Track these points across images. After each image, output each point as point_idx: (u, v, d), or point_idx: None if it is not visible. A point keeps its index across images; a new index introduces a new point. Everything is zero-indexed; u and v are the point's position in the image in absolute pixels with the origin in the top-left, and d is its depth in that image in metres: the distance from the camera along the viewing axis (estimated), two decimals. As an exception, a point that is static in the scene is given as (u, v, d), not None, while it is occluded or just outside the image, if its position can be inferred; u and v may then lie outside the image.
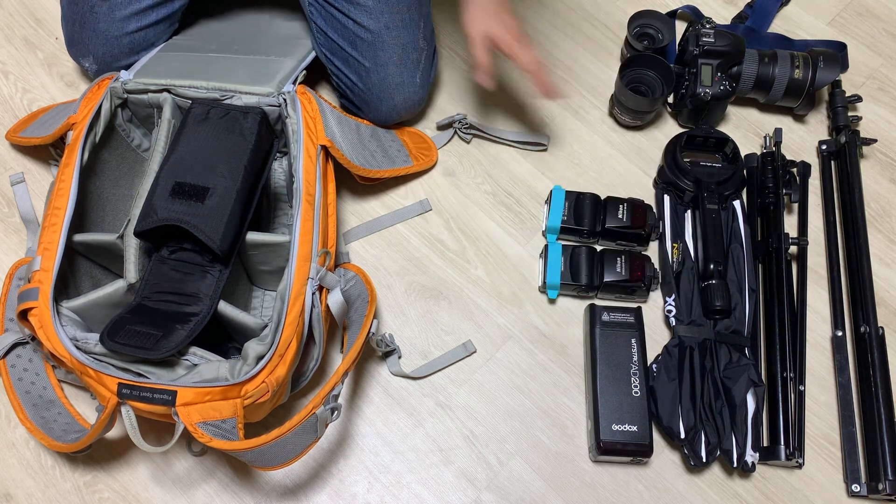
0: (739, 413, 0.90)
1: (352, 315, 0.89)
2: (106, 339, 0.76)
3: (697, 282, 0.99)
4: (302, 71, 1.00)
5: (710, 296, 0.96)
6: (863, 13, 1.23)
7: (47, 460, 0.92)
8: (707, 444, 0.89)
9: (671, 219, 1.04)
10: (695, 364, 0.93)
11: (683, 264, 1.00)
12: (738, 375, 0.92)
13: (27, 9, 1.21)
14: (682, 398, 0.91)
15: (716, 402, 0.91)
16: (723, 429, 0.89)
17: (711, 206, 1.00)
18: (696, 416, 0.90)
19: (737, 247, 1.00)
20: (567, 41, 1.20)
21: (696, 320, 0.96)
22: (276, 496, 0.91)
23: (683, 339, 0.95)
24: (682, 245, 1.01)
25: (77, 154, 0.88)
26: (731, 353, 0.94)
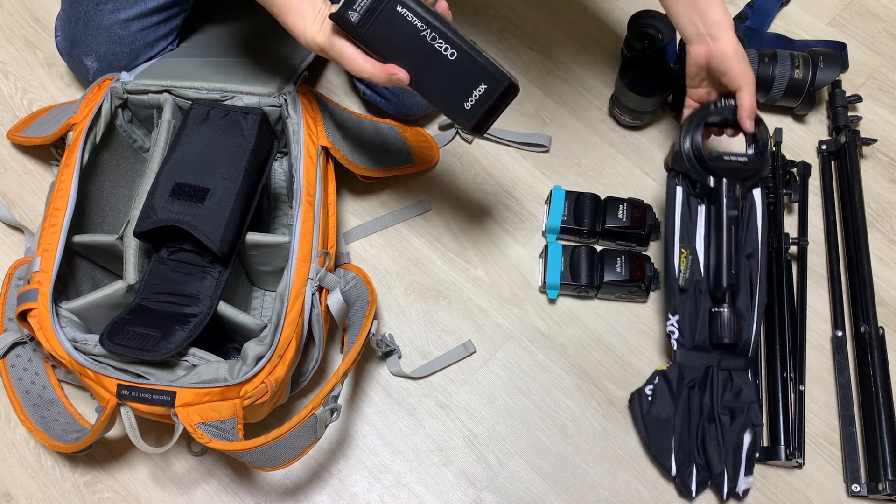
0: (733, 451, 0.87)
1: (352, 315, 0.89)
2: (105, 341, 0.76)
3: (703, 300, 0.90)
4: (303, 71, 1.00)
5: (720, 328, 0.87)
6: (863, 13, 1.23)
7: (47, 460, 0.92)
8: (697, 478, 0.88)
9: (682, 214, 0.91)
10: (693, 401, 0.89)
11: (692, 279, 0.90)
12: (737, 414, 0.87)
13: (27, 9, 1.21)
14: (677, 434, 0.88)
15: (710, 440, 0.87)
16: (715, 465, 0.87)
17: (731, 212, 0.88)
18: (687, 451, 0.88)
19: (752, 254, 0.91)
20: (567, 41, 1.20)
21: (699, 345, 0.89)
22: (276, 496, 0.91)
23: (684, 367, 0.90)
24: (692, 253, 0.90)
25: (77, 154, 0.88)
26: (731, 381, 0.89)
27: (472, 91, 0.74)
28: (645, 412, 0.89)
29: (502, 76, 0.74)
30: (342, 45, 0.75)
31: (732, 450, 0.87)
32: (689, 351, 0.90)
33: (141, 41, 1.00)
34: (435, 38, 0.73)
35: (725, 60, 0.85)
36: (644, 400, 0.90)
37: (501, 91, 0.74)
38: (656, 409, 0.89)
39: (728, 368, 0.89)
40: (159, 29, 1.01)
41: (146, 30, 1.00)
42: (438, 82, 0.75)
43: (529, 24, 1.21)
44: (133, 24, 0.99)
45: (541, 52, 1.19)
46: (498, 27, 1.21)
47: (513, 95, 0.75)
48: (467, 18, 1.21)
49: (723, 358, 0.89)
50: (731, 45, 0.84)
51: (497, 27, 1.21)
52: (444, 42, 0.73)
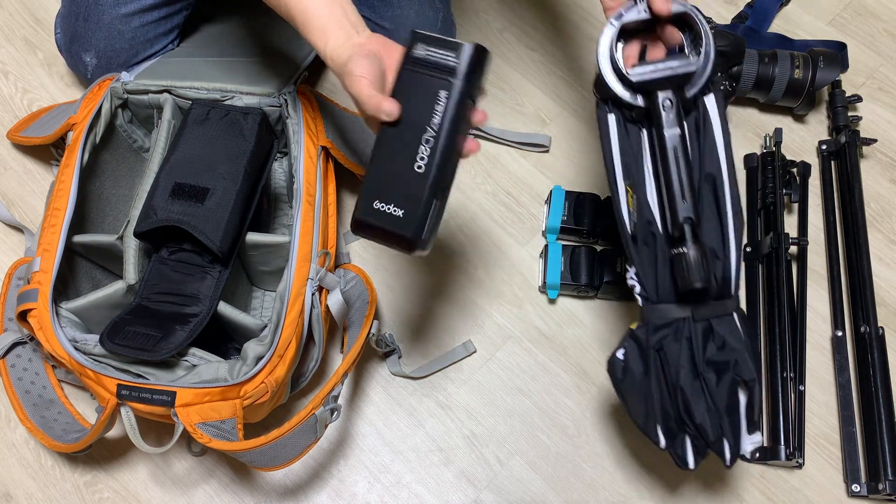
0: (726, 414, 0.73)
1: (352, 315, 0.89)
2: (105, 341, 0.76)
3: (659, 244, 0.75)
4: (303, 71, 1.00)
5: (686, 271, 0.71)
6: (863, 13, 1.23)
7: (47, 460, 0.92)
8: (693, 448, 0.75)
9: (621, 146, 0.76)
10: (667, 360, 0.74)
11: (642, 220, 0.75)
12: (722, 372, 0.73)
13: (27, 9, 1.21)
14: (656, 399, 0.74)
15: (697, 405, 0.73)
16: (709, 433, 0.73)
17: (673, 131, 0.73)
18: (675, 419, 0.75)
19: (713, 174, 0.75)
20: (567, 41, 1.20)
21: (665, 298, 0.75)
22: (276, 496, 0.91)
23: (653, 324, 0.75)
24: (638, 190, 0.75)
25: (77, 155, 0.88)
26: (713, 332, 0.74)
27: (391, 203, 0.66)
28: (620, 379, 0.76)
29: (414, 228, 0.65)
30: (361, 66, 0.68)
31: (726, 412, 0.73)
32: (657, 305, 0.75)
33: (141, 37, 1.00)
34: (427, 143, 0.66)
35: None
36: (617, 365, 0.76)
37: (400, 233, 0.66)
38: (630, 375, 0.75)
39: (706, 318, 0.75)
40: (160, 26, 1.01)
41: (146, 26, 1.00)
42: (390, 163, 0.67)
43: (529, 24, 1.21)
44: (133, 20, 0.99)
45: (541, 52, 1.19)
46: (498, 27, 1.21)
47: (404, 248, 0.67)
48: (467, 19, 1.21)
49: (697, 307, 0.74)
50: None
51: (497, 27, 1.21)
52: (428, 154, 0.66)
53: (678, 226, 0.72)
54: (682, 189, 0.73)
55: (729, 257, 0.75)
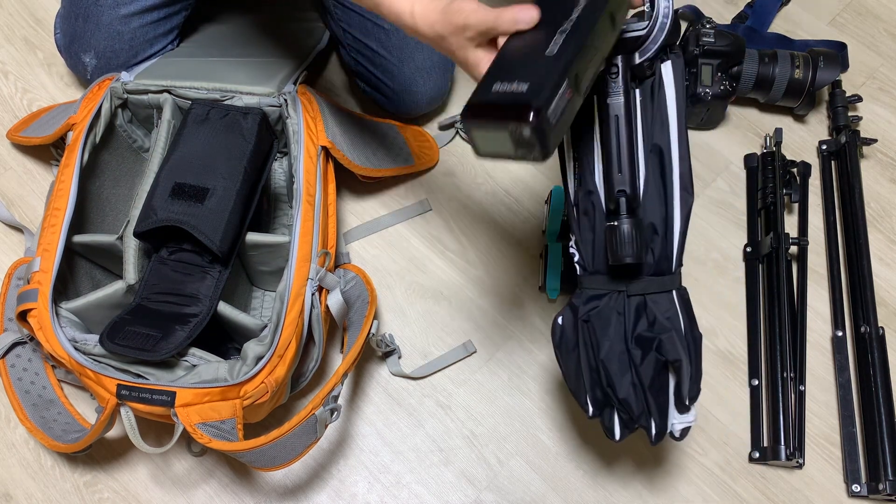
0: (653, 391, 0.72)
1: (352, 316, 0.89)
2: (105, 341, 0.76)
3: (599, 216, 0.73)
4: (303, 71, 1.00)
5: (617, 245, 0.69)
6: (863, 13, 1.23)
7: (47, 460, 0.92)
8: (621, 421, 0.74)
9: None
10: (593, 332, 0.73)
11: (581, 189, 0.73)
12: (647, 351, 0.71)
13: (27, 9, 1.21)
14: (585, 373, 0.73)
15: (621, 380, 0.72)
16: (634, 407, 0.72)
17: (614, 101, 0.69)
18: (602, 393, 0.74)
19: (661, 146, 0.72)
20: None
21: (601, 269, 0.74)
22: (276, 496, 0.91)
23: (585, 294, 0.74)
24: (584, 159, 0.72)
25: (77, 155, 0.88)
26: (646, 309, 0.73)
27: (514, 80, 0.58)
28: (557, 344, 0.75)
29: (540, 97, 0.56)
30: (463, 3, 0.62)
31: (651, 390, 0.72)
32: (592, 275, 0.74)
33: (140, 38, 1.00)
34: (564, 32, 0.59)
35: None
36: (556, 329, 0.75)
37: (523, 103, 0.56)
38: (566, 342, 0.74)
39: (642, 293, 0.73)
40: (159, 27, 1.01)
41: (146, 27, 1.00)
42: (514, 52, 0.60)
43: (529, 24, 1.21)
44: (133, 21, 0.99)
45: (541, 52, 1.18)
46: (498, 27, 1.20)
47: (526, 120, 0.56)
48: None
49: (633, 281, 0.73)
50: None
51: (497, 27, 1.20)
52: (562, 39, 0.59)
53: (613, 198, 0.70)
54: (619, 161, 0.70)
55: (671, 234, 0.73)
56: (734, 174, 1.10)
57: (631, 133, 0.70)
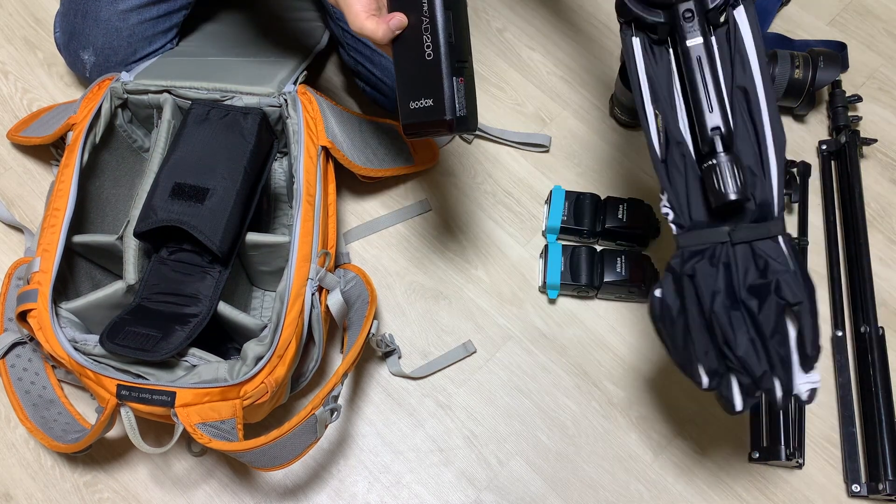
0: (774, 343, 0.67)
1: (352, 316, 0.89)
2: (105, 341, 0.76)
3: (688, 164, 0.71)
4: (303, 71, 1.00)
5: (717, 183, 0.67)
6: (863, 13, 1.23)
7: (47, 460, 0.92)
8: (741, 386, 0.68)
9: (647, 71, 0.73)
10: (702, 287, 0.68)
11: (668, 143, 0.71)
12: (765, 296, 0.66)
13: (27, 9, 1.21)
14: (694, 335, 0.68)
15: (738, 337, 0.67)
16: (755, 366, 0.67)
17: (695, 41, 0.69)
18: (717, 356, 0.68)
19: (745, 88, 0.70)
20: (567, 41, 1.20)
21: (700, 221, 0.70)
22: (276, 496, 0.91)
23: (687, 251, 0.69)
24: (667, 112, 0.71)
25: (77, 155, 0.88)
26: (755, 255, 0.68)
27: (420, 98, 0.72)
28: (658, 317, 0.70)
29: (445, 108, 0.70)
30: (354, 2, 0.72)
31: (775, 343, 0.67)
32: (690, 231, 0.70)
33: (139, 35, 1.00)
34: (427, 30, 0.70)
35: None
36: (655, 303, 0.70)
37: (437, 118, 0.71)
38: (668, 312, 0.69)
39: (746, 241, 0.69)
40: (158, 24, 1.01)
41: (144, 23, 1.00)
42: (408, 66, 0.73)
43: (529, 24, 1.21)
44: (131, 17, 0.99)
45: (541, 52, 1.19)
46: (498, 27, 1.20)
47: (445, 129, 0.71)
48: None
49: (735, 229, 0.69)
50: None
51: (497, 27, 1.20)
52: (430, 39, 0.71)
53: (707, 139, 0.68)
54: (708, 99, 0.69)
55: (769, 175, 0.69)
56: (734, 174, 1.10)
57: (715, 70, 0.69)
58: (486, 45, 1.19)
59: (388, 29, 0.71)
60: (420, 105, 0.72)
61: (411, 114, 0.73)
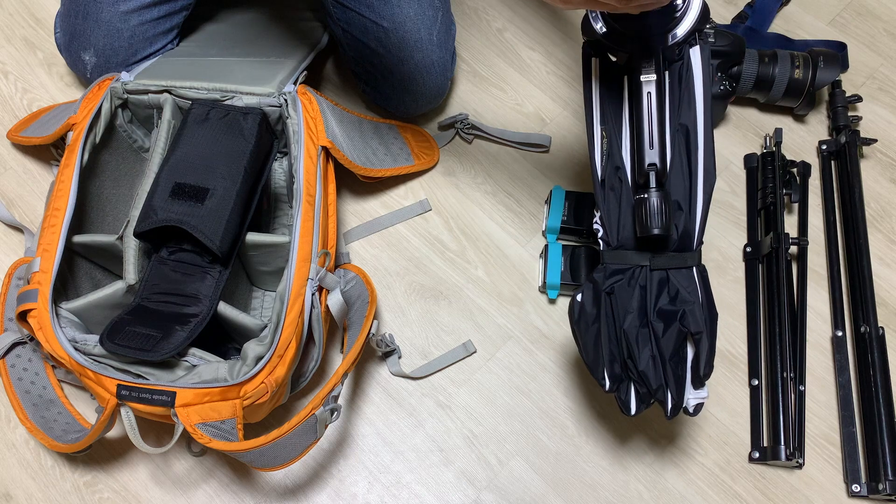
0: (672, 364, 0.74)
1: (352, 316, 0.89)
2: (105, 341, 0.76)
3: (626, 190, 0.76)
4: (303, 71, 1.00)
5: (645, 217, 0.72)
6: (863, 13, 1.23)
7: (47, 460, 0.92)
8: (637, 395, 0.75)
9: (600, 92, 0.76)
10: (616, 304, 0.74)
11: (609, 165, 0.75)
12: (670, 322, 0.73)
13: (27, 9, 1.21)
14: (604, 343, 0.74)
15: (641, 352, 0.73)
16: (651, 380, 0.74)
17: (647, 78, 0.72)
18: (620, 365, 0.75)
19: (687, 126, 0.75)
20: (567, 41, 1.20)
21: (625, 244, 0.76)
22: (276, 496, 0.91)
23: (608, 268, 0.76)
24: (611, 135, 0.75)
25: (77, 155, 0.88)
26: (669, 283, 0.74)
27: None
28: (576, 320, 0.76)
29: None
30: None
31: (671, 363, 0.74)
32: (616, 250, 0.77)
33: (139, 36, 1.00)
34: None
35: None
36: (576, 306, 0.76)
37: None
38: (585, 317, 0.75)
39: (664, 268, 0.76)
40: (159, 25, 1.01)
41: (145, 24, 1.00)
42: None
43: (529, 24, 1.21)
44: (132, 18, 0.99)
45: (541, 53, 1.19)
46: (498, 27, 1.21)
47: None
48: (467, 18, 1.21)
49: (656, 256, 0.75)
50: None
51: (497, 27, 1.21)
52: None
53: (643, 172, 0.72)
54: (650, 136, 0.72)
55: (694, 211, 0.75)
56: (734, 174, 1.10)
57: (662, 109, 0.73)
58: (486, 45, 1.19)
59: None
60: None
61: None
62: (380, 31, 1.00)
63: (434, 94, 1.06)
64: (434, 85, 1.05)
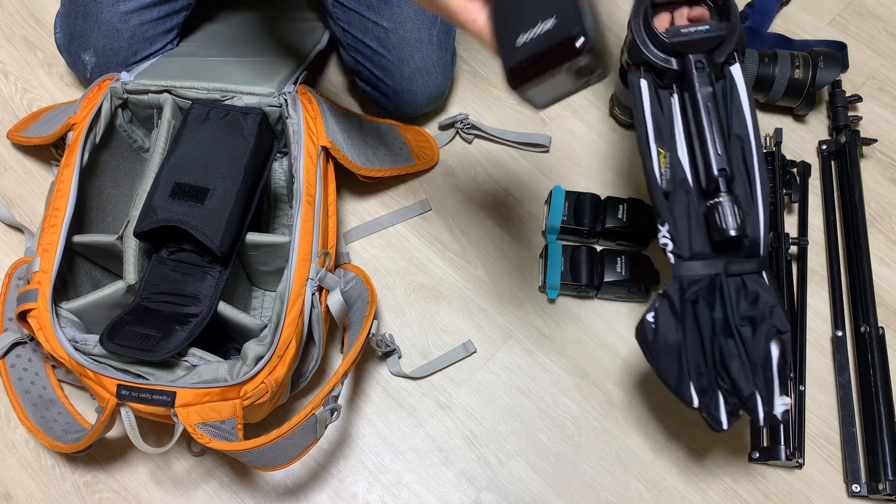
0: (761, 368, 0.74)
1: (352, 316, 0.89)
2: (105, 341, 0.76)
3: (693, 200, 0.77)
4: (303, 71, 1.00)
5: (719, 220, 0.73)
6: (863, 13, 1.23)
7: (47, 460, 0.92)
8: (727, 406, 0.75)
9: (652, 112, 0.78)
10: (701, 315, 0.75)
11: (675, 179, 0.77)
12: (759, 323, 0.74)
13: (27, 9, 1.21)
14: (690, 357, 0.74)
15: (732, 360, 0.74)
16: (743, 387, 0.74)
17: (705, 90, 0.76)
18: (709, 377, 0.75)
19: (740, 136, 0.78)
20: (567, 41, 1.20)
21: (699, 253, 0.76)
22: (276, 496, 0.91)
23: (685, 280, 0.76)
24: (670, 151, 0.78)
25: (77, 155, 0.88)
26: (746, 287, 0.75)
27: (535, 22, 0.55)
28: (650, 342, 0.75)
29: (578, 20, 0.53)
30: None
31: (761, 366, 0.74)
32: (689, 261, 0.77)
33: (139, 36, 1.00)
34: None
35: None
36: (647, 327, 0.76)
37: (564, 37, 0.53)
38: (662, 334, 0.75)
39: (738, 273, 0.76)
40: (159, 25, 1.01)
41: (145, 25, 1.00)
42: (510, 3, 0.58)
43: (529, 24, 1.21)
44: (132, 18, 0.99)
45: (541, 52, 1.18)
46: (498, 27, 1.20)
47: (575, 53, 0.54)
48: (467, 18, 1.21)
49: (729, 262, 0.76)
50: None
51: (497, 27, 1.20)
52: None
53: (713, 179, 0.75)
54: (715, 143, 0.75)
55: (758, 217, 0.76)
56: (734, 174, 1.10)
57: (720, 118, 0.76)
58: (486, 45, 1.19)
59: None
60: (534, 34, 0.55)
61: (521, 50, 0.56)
62: (380, 31, 1.00)
63: (435, 95, 1.06)
64: (434, 85, 1.05)
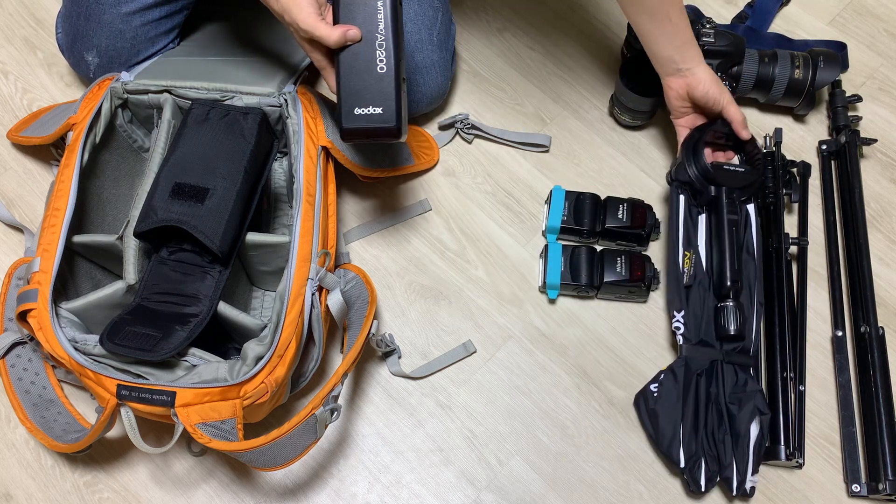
0: (742, 441, 0.87)
1: (352, 316, 0.89)
2: (105, 341, 0.76)
3: (707, 298, 0.94)
4: (303, 71, 1.00)
5: (725, 320, 0.92)
6: (863, 13, 1.23)
7: (47, 460, 0.92)
8: (707, 472, 0.88)
9: (685, 222, 0.97)
10: (700, 389, 0.90)
11: (695, 277, 0.94)
12: (745, 403, 0.88)
13: (27, 9, 1.21)
14: (685, 425, 0.88)
15: (718, 430, 0.88)
16: (724, 456, 0.87)
17: (732, 217, 0.95)
18: (697, 444, 0.88)
19: (748, 258, 0.95)
20: (567, 41, 1.20)
21: (705, 340, 0.92)
22: (276, 496, 0.91)
23: (690, 360, 0.91)
24: (695, 255, 0.95)
25: (77, 155, 0.88)
26: (737, 375, 0.91)
27: (369, 105, 0.79)
28: (650, 409, 0.91)
29: (395, 117, 0.79)
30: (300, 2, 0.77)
31: (742, 443, 0.87)
32: (695, 346, 0.92)
33: (142, 36, 1.00)
34: (381, 46, 0.79)
35: (703, 85, 0.95)
36: (650, 396, 0.91)
37: (386, 126, 0.79)
38: (663, 402, 0.90)
39: (733, 363, 0.91)
40: (160, 25, 1.02)
41: (147, 25, 1.00)
42: (355, 75, 0.79)
43: (529, 24, 1.21)
44: (134, 19, 0.99)
45: (541, 52, 1.19)
46: (498, 27, 1.21)
47: (389, 136, 0.80)
48: (467, 18, 1.21)
49: (728, 353, 0.92)
50: (707, 73, 0.95)
51: (497, 27, 1.21)
52: (385, 56, 0.79)
53: (726, 286, 0.93)
54: (734, 259, 0.93)
55: (752, 324, 0.93)
56: (734, 174, 1.10)
57: (741, 240, 0.95)
58: (486, 45, 1.19)
59: (343, 37, 0.77)
60: (366, 112, 0.79)
61: (356, 118, 0.80)
62: None
63: (434, 95, 1.06)
64: (434, 85, 1.05)
